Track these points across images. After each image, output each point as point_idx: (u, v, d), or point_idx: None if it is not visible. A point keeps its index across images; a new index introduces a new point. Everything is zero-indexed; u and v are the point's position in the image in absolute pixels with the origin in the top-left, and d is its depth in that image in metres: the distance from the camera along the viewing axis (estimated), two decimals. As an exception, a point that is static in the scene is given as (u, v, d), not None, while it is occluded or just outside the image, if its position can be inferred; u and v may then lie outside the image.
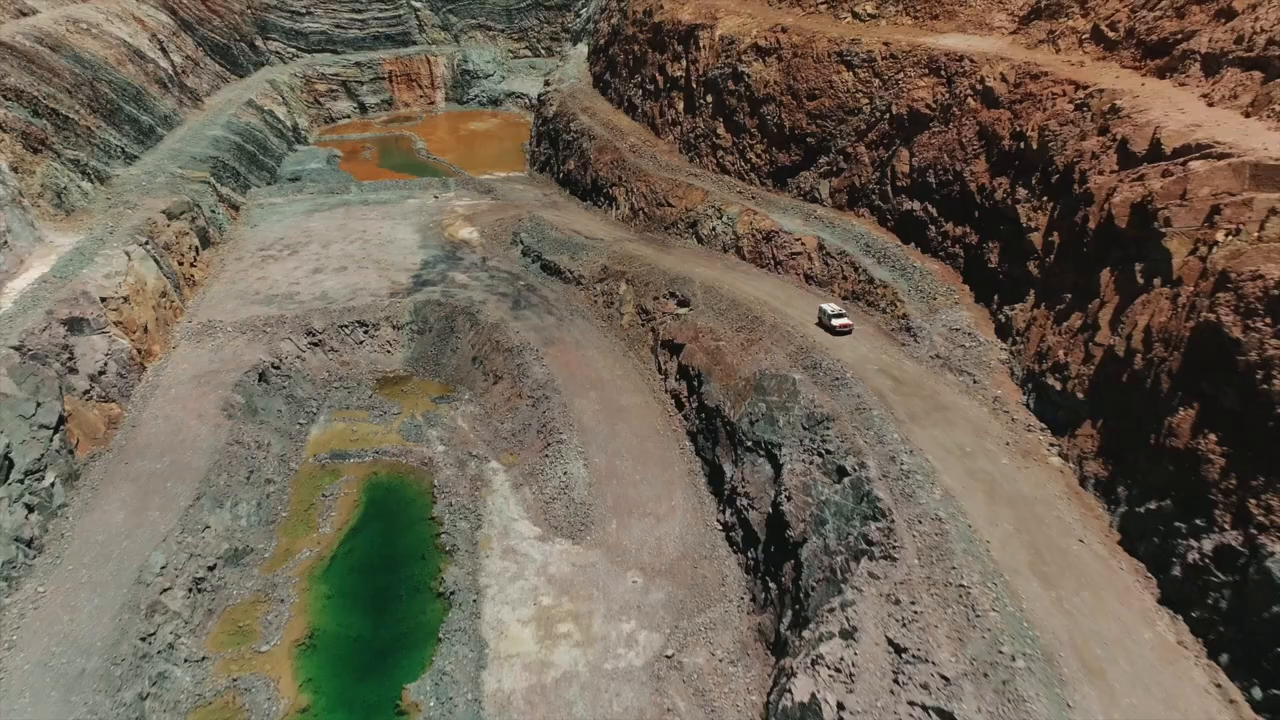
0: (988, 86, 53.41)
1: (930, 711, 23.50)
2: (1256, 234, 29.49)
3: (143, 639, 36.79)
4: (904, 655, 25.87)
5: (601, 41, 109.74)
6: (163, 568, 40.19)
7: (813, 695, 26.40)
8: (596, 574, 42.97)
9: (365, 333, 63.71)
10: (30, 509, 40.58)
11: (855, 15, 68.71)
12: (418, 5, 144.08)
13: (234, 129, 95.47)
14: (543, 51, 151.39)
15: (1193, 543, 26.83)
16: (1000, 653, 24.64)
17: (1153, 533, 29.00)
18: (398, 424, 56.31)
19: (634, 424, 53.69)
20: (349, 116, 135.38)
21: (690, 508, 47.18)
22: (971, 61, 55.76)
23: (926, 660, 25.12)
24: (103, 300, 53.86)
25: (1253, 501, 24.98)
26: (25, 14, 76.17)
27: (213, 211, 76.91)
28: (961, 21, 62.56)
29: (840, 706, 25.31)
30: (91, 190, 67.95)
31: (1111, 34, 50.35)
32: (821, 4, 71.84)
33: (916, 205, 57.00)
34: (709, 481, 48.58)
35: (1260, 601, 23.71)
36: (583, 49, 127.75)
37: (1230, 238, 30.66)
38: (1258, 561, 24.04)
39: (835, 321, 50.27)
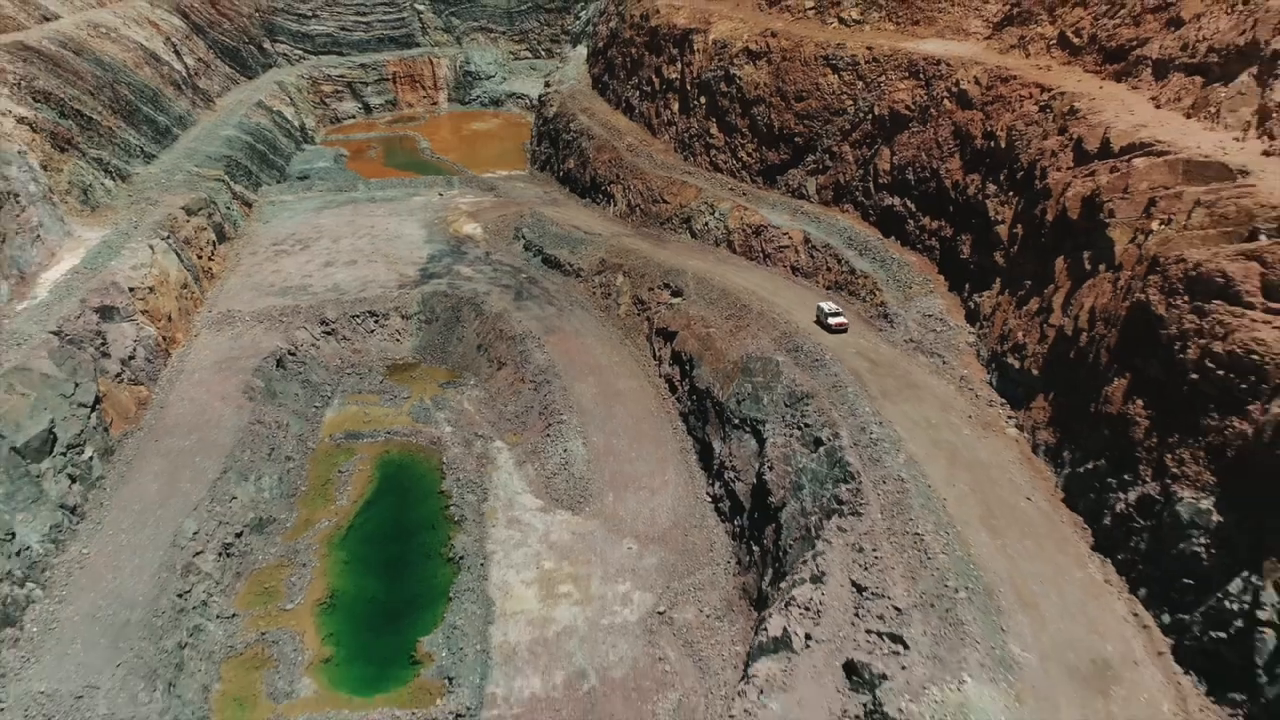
0: (962, 89, 56.84)
1: (884, 637, 26.97)
2: (1184, 223, 32.96)
3: (179, 595, 40.26)
4: (864, 593, 29.35)
5: (600, 44, 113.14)
6: (195, 533, 43.68)
7: (784, 630, 29.88)
8: (594, 541, 46.44)
9: (375, 322, 67.17)
10: (73, 479, 44.06)
11: (841, 20, 72.16)
12: (421, 8, 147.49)
13: (246, 129, 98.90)
14: (543, 53, 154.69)
15: (1120, 495, 30.33)
16: (946, 587, 28.13)
17: (1089, 489, 32.50)
18: (407, 407, 59.75)
19: (630, 406, 57.16)
20: (354, 117, 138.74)
21: (682, 482, 50.66)
22: (948, 65, 59.17)
23: (883, 596, 28.59)
24: (130, 290, 57.31)
25: (1169, 456, 28.46)
26: (48, 19, 79.58)
27: (228, 208, 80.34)
28: (940, 27, 66.00)
29: (808, 637, 28.80)
30: (114, 187, 71.42)
31: (1076, 40, 53.82)
32: (809, 9, 75.30)
33: (896, 201, 60.45)
34: (699, 458, 52.05)
35: (1171, 540, 27.17)
36: (582, 51, 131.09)
37: (1162, 226, 34.14)
38: (1170, 507, 27.52)
39: (832, 320, 52.22)
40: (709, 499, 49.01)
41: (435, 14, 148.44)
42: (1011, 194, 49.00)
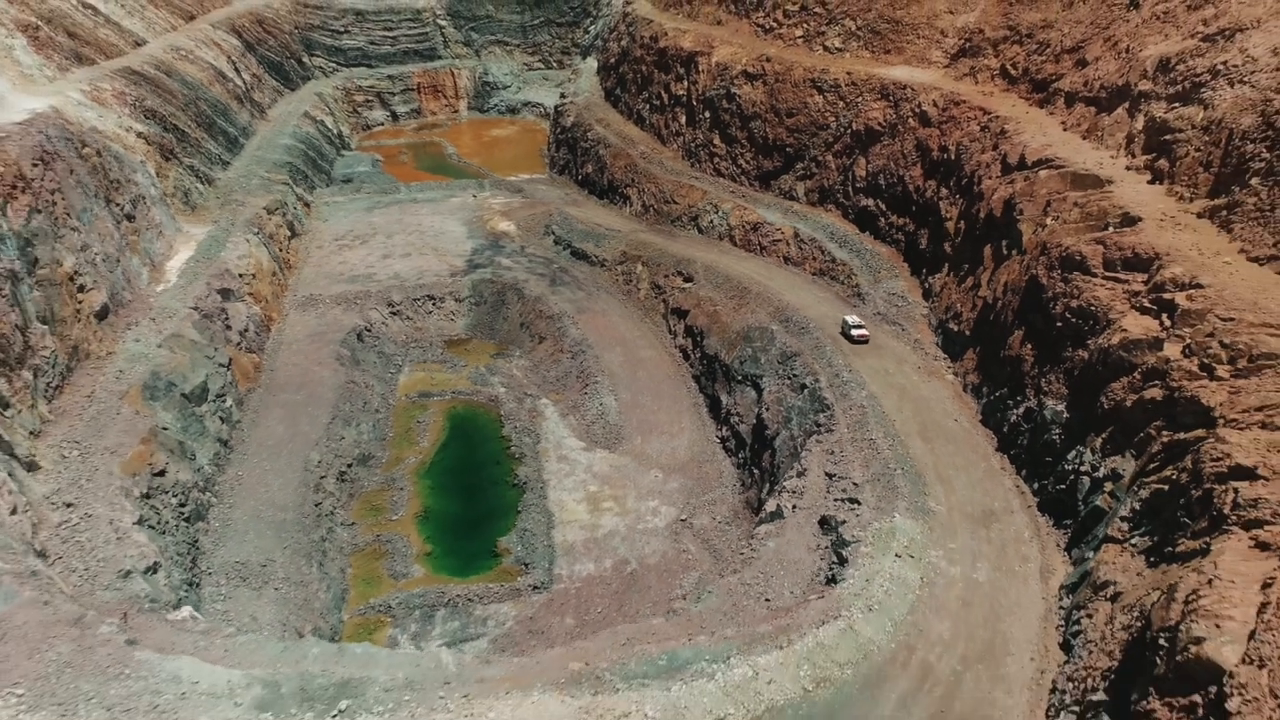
0: (924, 110, 69.40)
1: (845, 501, 39.48)
2: (1065, 219, 45.59)
3: (315, 505, 52.63)
4: (833, 479, 41.90)
5: (612, 60, 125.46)
6: (318, 462, 56.00)
7: (778, 506, 42.45)
8: (628, 471, 58.86)
9: (433, 304, 79.51)
10: (222, 420, 56.37)
11: (825, 49, 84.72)
12: (443, 24, 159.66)
13: (299, 137, 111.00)
14: (555, 64, 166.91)
15: (1014, 410, 42.98)
16: (889, 469, 40.65)
17: (996, 410, 45.15)
18: (466, 373, 72.12)
19: (651, 370, 69.63)
20: (382, 124, 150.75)
21: (695, 428, 63.19)
22: (913, 90, 71.70)
23: (846, 478, 41.14)
24: (239, 276, 69.56)
25: (1043, 380, 41.09)
26: (140, 44, 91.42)
27: (294, 208, 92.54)
28: (908, 55, 78.55)
29: (794, 507, 41.34)
30: (205, 190, 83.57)
31: (1013, 72, 66.48)
32: (799, 38, 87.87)
33: (870, 202, 73.04)
34: (710, 410, 64.48)
35: (1039, 434, 39.81)
36: (592, 63, 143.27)
37: (1053, 222, 46.78)
38: (1041, 413, 40.17)
39: (855, 332, 56.95)
40: (718, 440, 61.52)
41: (456, 29, 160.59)
42: (958, 197, 61.59)
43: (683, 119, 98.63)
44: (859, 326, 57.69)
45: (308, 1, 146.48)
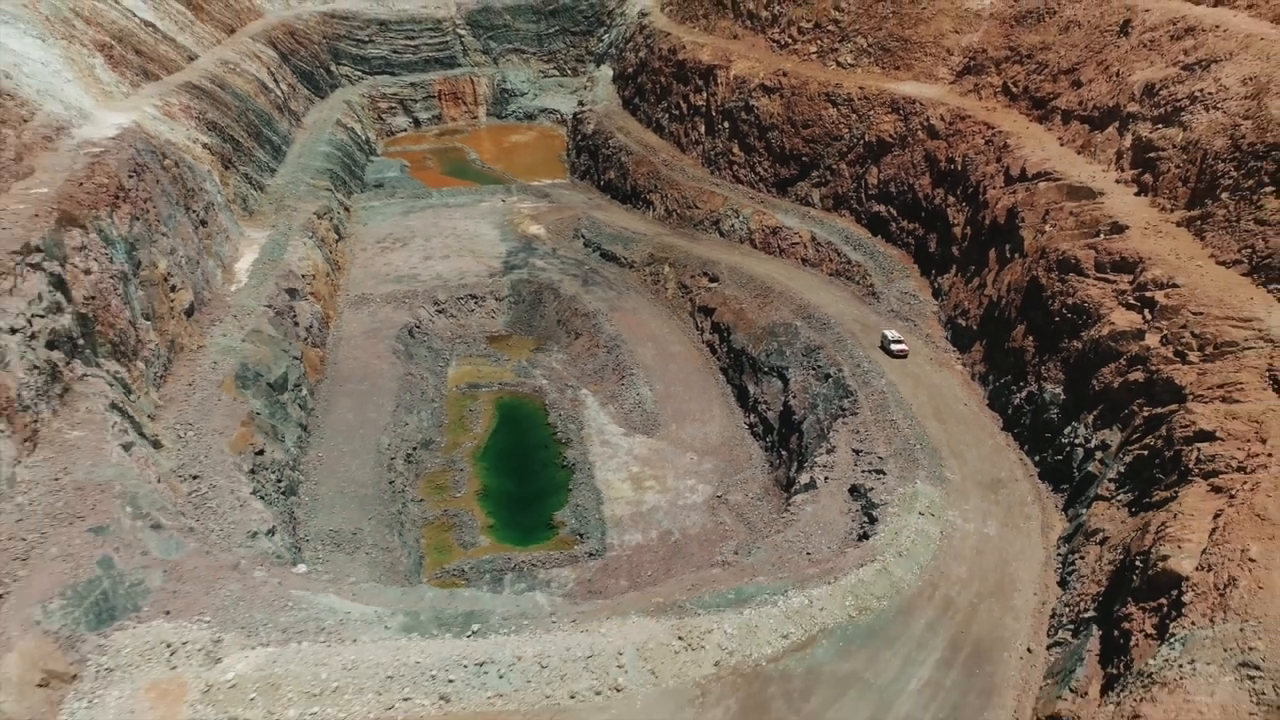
0: (931, 124, 75.48)
1: (871, 472, 45.53)
2: (1062, 226, 51.69)
3: (390, 483, 58.61)
4: (859, 453, 47.97)
5: (629, 70, 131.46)
6: (388, 445, 61.99)
7: (811, 477, 48.53)
8: (666, 454, 64.85)
9: (475, 303, 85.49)
10: (301, 407, 62.35)
11: (839, 64, 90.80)
12: (462, 33, 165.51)
13: (335, 144, 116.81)
14: (569, 71, 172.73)
15: (1018, 394, 49.10)
16: (909, 445, 46.70)
17: (1001, 395, 51.27)
18: (509, 366, 78.12)
19: (681, 364, 75.67)
20: (405, 130, 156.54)
21: (725, 415, 69.25)
22: (921, 104, 77.78)
23: (871, 453, 47.19)
24: (302, 276, 75.47)
25: (1042, 368, 47.20)
26: (193, 59, 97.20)
27: (338, 213, 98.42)
28: (916, 72, 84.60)
29: (826, 479, 47.41)
30: (259, 196, 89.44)
31: (1015, 90, 72.57)
32: (813, 54, 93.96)
33: (882, 208, 79.12)
34: (737, 399, 70.56)
35: (1040, 414, 45.94)
36: (607, 71, 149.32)
37: (1051, 229, 52.86)
38: (1041, 396, 46.29)
39: (894, 346, 59.33)
40: (746, 426, 67.61)
41: (475, 38, 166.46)
42: (964, 204, 67.67)
43: (702, 128, 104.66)
44: (898, 341, 60.01)
45: (335, 12, 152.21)
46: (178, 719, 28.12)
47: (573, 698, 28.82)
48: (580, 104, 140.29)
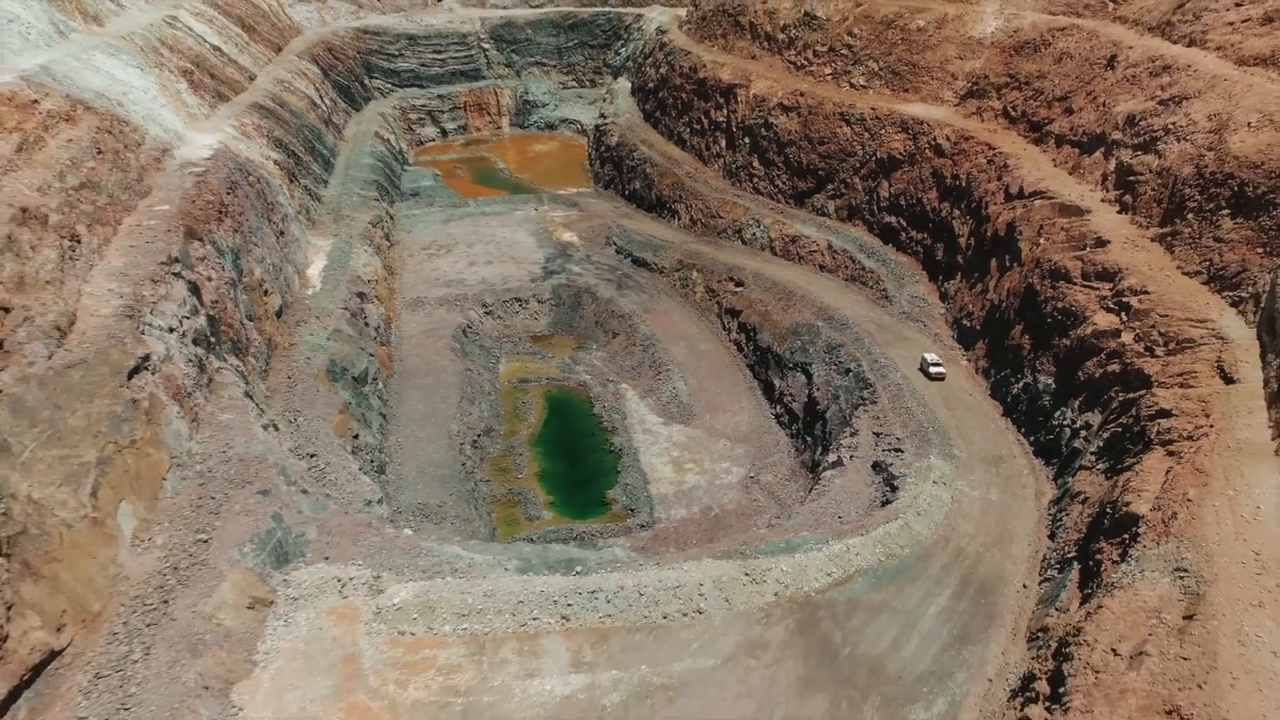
0: (938, 143, 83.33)
1: (891, 450, 53.38)
2: (1054, 240, 59.56)
3: (462, 464, 66.46)
4: (880, 436, 55.84)
5: (650, 85, 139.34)
6: (457, 432, 69.85)
7: (837, 456, 56.42)
8: (702, 440, 72.68)
9: (519, 306, 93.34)
10: (379, 398, 70.21)
11: (852, 85, 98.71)
12: (486, 47, 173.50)
13: (376, 156, 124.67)
14: (587, 83, 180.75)
15: (1015, 385, 56.98)
16: (923, 428, 54.55)
17: (1002, 386, 59.14)
18: (554, 363, 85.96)
19: (711, 361, 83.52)
20: (434, 140, 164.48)
21: (753, 407, 77.10)
22: (928, 125, 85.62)
23: (890, 435, 55.06)
24: (368, 281, 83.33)
25: (1037, 362, 55.05)
26: (252, 78, 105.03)
27: (387, 221, 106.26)
28: (924, 94, 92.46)
29: (851, 457, 55.28)
30: (319, 207, 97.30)
31: (1014, 113, 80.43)
32: (828, 75, 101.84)
33: (893, 219, 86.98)
34: (764, 392, 78.41)
35: (1034, 401, 53.77)
36: (625, 84, 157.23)
37: (1045, 241, 60.71)
38: (1035, 386, 54.16)
39: (933, 369, 61.98)
40: (773, 416, 75.46)
41: (499, 51, 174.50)
42: (968, 218, 75.50)
43: (723, 142, 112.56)
44: (937, 364, 62.34)
45: (367, 28, 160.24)
46: (355, 634, 35.95)
47: (665, 618, 36.65)
48: (602, 116, 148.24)
